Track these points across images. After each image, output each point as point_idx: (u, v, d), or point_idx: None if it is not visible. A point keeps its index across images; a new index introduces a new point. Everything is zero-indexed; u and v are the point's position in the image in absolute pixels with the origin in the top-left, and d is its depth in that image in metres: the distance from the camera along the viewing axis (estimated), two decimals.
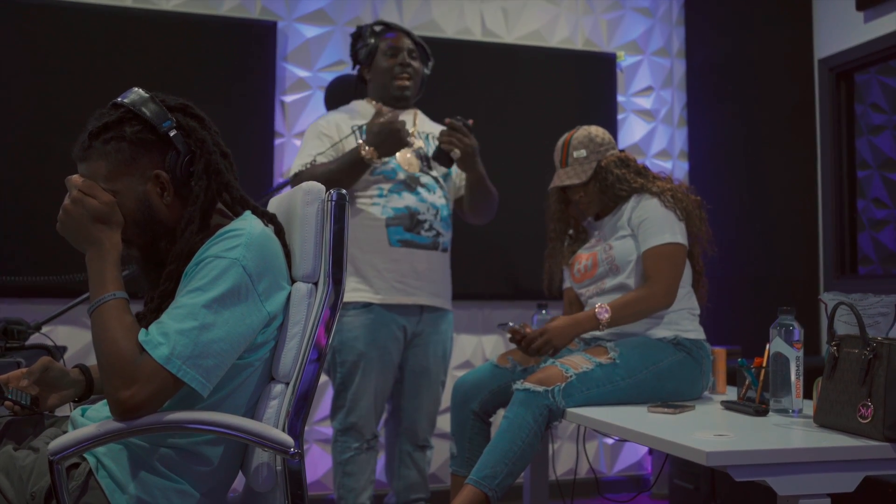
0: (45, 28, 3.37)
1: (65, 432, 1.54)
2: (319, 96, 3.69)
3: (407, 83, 2.97)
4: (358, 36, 3.05)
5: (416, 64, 3.01)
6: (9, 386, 1.64)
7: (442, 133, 2.87)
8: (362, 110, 3.01)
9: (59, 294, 3.11)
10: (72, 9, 3.42)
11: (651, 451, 4.02)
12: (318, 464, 3.60)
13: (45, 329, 2.56)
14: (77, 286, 2.67)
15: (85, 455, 1.51)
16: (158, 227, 1.60)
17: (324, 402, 3.58)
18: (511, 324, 2.63)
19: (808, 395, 2.28)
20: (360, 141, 2.78)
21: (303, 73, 3.72)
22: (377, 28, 3.03)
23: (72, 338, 3.29)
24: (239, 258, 1.50)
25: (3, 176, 3.29)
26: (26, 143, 3.32)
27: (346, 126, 2.91)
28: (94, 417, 1.58)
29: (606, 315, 2.53)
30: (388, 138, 2.75)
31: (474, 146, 2.88)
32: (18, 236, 3.26)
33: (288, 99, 3.70)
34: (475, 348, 3.85)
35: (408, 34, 3.03)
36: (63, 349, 2.63)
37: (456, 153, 2.85)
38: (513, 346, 2.68)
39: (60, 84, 3.35)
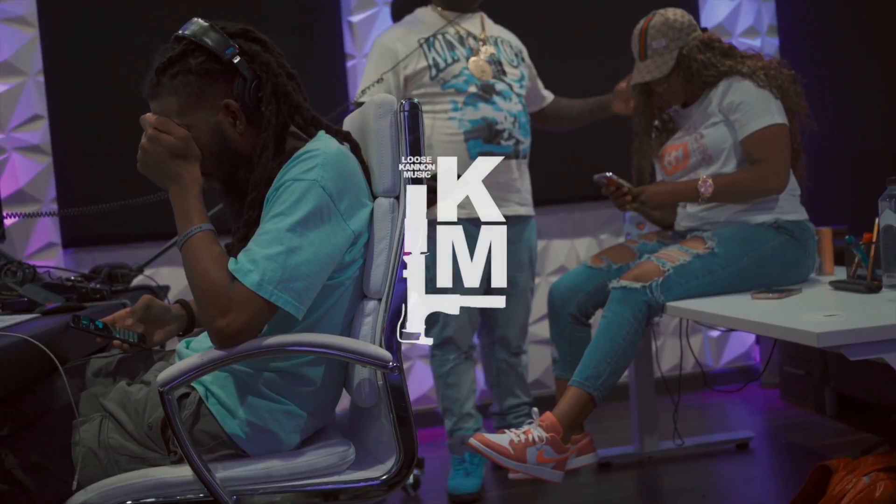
0: None
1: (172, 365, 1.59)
2: (386, 12, 3.61)
3: None
4: None
5: None
6: (116, 326, 1.71)
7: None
8: (426, 19, 2.90)
9: (158, 237, 3.20)
10: None
11: (758, 340, 3.94)
12: (423, 379, 3.66)
13: (147, 271, 2.64)
14: (172, 227, 2.74)
15: (194, 385, 1.56)
16: (235, 157, 1.60)
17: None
18: (609, 174, 2.56)
19: None
20: None
21: None
22: None
23: (174, 277, 3.39)
24: (317, 179, 1.49)
25: (88, 130, 3.37)
26: (102, 95, 3.36)
27: (411, 39, 2.82)
28: (198, 348, 1.63)
29: (710, 189, 2.45)
30: None
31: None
32: (107, 183, 3.33)
33: (355, 19, 3.64)
34: (568, 252, 3.81)
35: None
36: (166, 289, 2.72)
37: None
38: (605, 246, 2.62)
39: (127, 26, 3.35)
